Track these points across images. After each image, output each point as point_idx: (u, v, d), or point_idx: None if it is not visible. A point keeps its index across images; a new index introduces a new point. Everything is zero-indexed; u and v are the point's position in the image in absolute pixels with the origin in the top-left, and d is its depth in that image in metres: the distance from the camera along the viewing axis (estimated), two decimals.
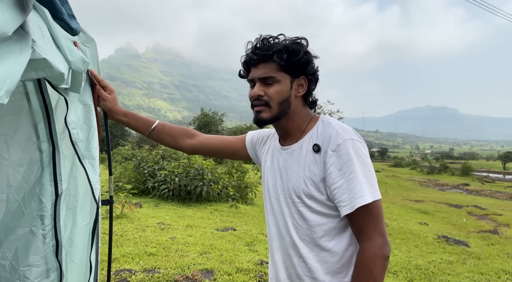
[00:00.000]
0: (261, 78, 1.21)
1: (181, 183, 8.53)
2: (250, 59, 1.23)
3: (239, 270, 4.24)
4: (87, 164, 1.34)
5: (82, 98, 1.35)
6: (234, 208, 8.27)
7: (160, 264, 4.27)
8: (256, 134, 1.52)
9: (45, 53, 0.79)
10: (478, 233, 8.03)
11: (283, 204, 1.26)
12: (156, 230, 5.85)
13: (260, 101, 1.22)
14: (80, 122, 1.33)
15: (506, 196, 19.27)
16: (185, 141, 1.58)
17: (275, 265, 1.31)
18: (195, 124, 29.53)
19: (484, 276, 4.84)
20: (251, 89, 1.26)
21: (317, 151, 1.18)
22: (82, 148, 1.33)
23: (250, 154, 1.52)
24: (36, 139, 1.21)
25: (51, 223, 1.24)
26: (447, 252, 6.00)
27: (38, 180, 1.21)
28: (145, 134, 1.56)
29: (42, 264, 1.24)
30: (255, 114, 1.25)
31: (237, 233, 6.00)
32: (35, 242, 1.22)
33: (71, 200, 1.32)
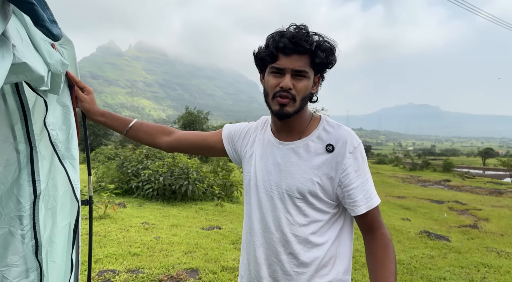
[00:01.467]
0: (296, 70, 1.16)
1: (166, 182, 8.47)
2: (285, 47, 1.14)
3: (224, 268, 4.25)
4: (68, 164, 1.33)
5: (61, 99, 1.35)
6: (220, 206, 8.26)
7: (144, 264, 4.24)
8: (233, 127, 1.48)
9: (25, 57, 0.80)
10: (458, 228, 8.22)
11: (277, 200, 1.25)
12: (140, 230, 5.81)
13: (288, 94, 1.17)
14: (59, 123, 1.33)
15: (486, 191, 19.77)
16: (162, 139, 1.55)
17: (256, 262, 1.29)
18: (180, 123, 29.30)
19: (464, 270, 4.96)
20: (274, 78, 1.19)
21: (331, 151, 1.20)
22: (62, 149, 1.32)
23: (227, 149, 1.47)
24: (13, 140, 1.20)
25: (30, 223, 1.22)
26: (429, 247, 6.12)
27: (16, 180, 1.20)
28: (123, 133, 1.54)
29: (21, 264, 1.23)
30: (279, 106, 1.19)
31: (222, 231, 6.00)
32: (13, 243, 1.21)
33: (50, 200, 1.31)
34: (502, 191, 20.18)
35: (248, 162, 1.37)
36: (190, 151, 1.59)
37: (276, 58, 1.18)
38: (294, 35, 1.14)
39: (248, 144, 1.40)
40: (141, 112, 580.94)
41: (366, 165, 1.23)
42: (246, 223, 1.37)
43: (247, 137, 1.42)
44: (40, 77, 0.90)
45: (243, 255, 1.38)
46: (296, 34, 1.14)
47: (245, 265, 1.36)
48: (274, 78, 1.19)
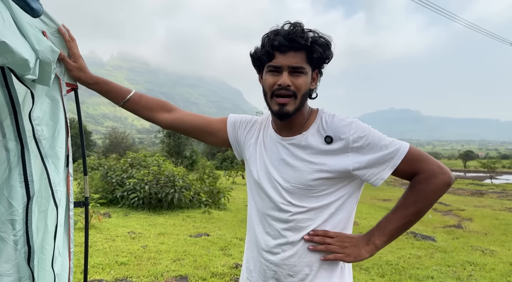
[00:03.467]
0: (293, 67, 1.16)
1: (152, 190, 8.36)
2: (280, 45, 1.14)
3: (214, 274, 4.20)
4: (50, 163, 1.27)
5: (50, 92, 1.28)
6: (207, 213, 8.19)
7: (132, 273, 4.16)
8: (238, 118, 1.46)
9: (5, 37, 0.75)
10: (443, 228, 8.33)
11: (285, 193, 1.24)
12: (126, 239, 5.70)
13: (288, 92, 1.17)
14: (46, 118, 1.26)
15: (468, 192, 20.13)
16: (162, 114, 1.48)
17: None
18: (164, 132, 29.05)
19: (451, 268, 5.03)
20: (274, 76, 1.19)
21: (330, 142, 1.21)
22: (46, 146, 1.25)
23: (230, 138, 1.45)
24: (2, 137, 1.12)
25: (23, 228, 1.15)
26: (416, 247, 6.19)
27: (6, 181, 1.13)
28: (119, 104, 1.46)
29: (14, 272, 1.14)
30: (278, 106, 1.19)
31: (210, 238, 5.94)
32: (6, 249, 1.12)
33: (43, 203, 1.24)
34: (483, 191, 20.59)
35: (252, 157, 1.36)
36: (190, 133, 1.49)
37: (272, 56, 1.18)
38: (289, 32, 1.14)
39: (252, 138, 1.39)
40: (123, 122, 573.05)
41: (374, 134, 1.20)
42: (252, 217, 1.35)
43: (252, 130, 1.41)
44: (23, 61, 0.84)
45: (252, 249, 1.35)
46: (291, 31, 1.15)
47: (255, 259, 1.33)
48: (271, 77, 1.19)
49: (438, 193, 1.18)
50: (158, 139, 39.46)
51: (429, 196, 1.18)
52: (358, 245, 1.21)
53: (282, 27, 1.17)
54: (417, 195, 1.19)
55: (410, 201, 1.20)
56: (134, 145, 46.62)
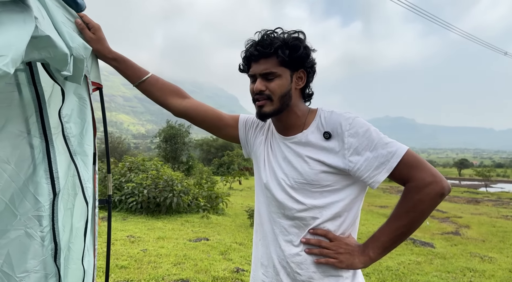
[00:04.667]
0: (263, 73, 1.23)
1: (150, 195, 8.32)
2: (251, 55, 1.24)
3: (215, 278, 4.19)
4: (79, 161, 1.27)
5: (78, 90, 1.28)
6: (206, 218, 8.15)
7: (132, 276, 4.13)
8: (250, 118, 1.51)
9: (49, 32, 0.77)
10: (441, 235, 8.36)
11: (291, 190, 1.26)
12: (126, 243, 5.67)
13: (262, 96, 1.25)
14: (74, 116, 1.26)
15: (464, 200, 20.21)
16: (175, 100, 1.49)
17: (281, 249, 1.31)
18: (161, 137, 28.95)
19: (451, 274, 5.04)
20: (252, 84, 1.28)
21: (329, 138, 1.23)
22: (75, 144, 1.26)
23: (240, 136, 1.50)
24: (27, 134, 1.12)
25: (49, 224, 1.14)
26: (415, 253, 6.20)
27: (30, 178, 1.12)
28: (134, 84, 1.46)
29: (41, 269, 1.13)
30: (257, 108, 1.28)
31: (210, 243, 5.92)
32: (32, 246, 1.11)
33: (70, 200, 1.24)
34: (479, 199, 20.69)
35: (260, 157, 1.40)
36: (200, 123, 1.51)
37: (250, 66, 1.28)
38: (258, 41, 1.23)
39: (261, 138, 1.43)
40: (119, 127, 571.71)
41: (372, 132, 1.19)
42: (262, 215, 1.37)
43: (262, 131, 1.45)
44: (64, 56, 0.86)
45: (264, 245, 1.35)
46: (259, 40, 1.23)
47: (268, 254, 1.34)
48: (251, 85, 1.29)
49: (429, 203, 1.13)
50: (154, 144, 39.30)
51: (419, 207, 1.14)
52: (353, 254, 1.21)
53: (253, 38, 1.26)
54: (408, 205, 1.15)
55: (402, 211, 1.17)
56: (130, 150, 46.48)
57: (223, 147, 39.72)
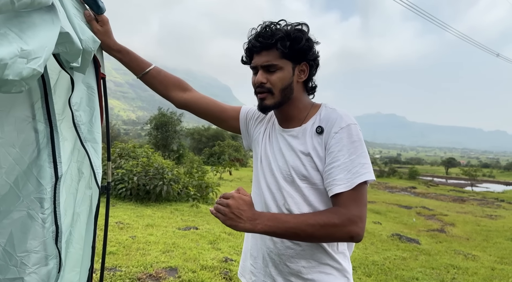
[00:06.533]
0: (264, 66, 1.23)
1: (140, 182, 8.29)
2: (253, 47, 1.24)
3: (203, 267, 4.20)
4: (90, 147, 1.31)
5: (86, 79, 1.31)
6: (195, 207, 8.16)
7: (121, 262, 4.13)
8: (251, 110, 1.51)
9: (67, 28, 0.78)
10: (427, 232, 8.50)
11: (282, 182, 1.26)
12: (114, 229, 5.66)
13: (263, 88, 1.24)
14: (83, 105, 1.30)
15: (449, 198, 20.55)
16: (177, 93, 1.52)
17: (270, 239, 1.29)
18: (152, 124, 28.78)
19: (435, 271, 5.14)
20: (254, 76, 1.27)
21: (320, 133, 1.22)
22: (85, 131, 1.30)
23: (241, 128, 1.51)
24: (32, 119, 1.14)
25: (51, 207, 1.16)
26: (401, 249, 6.31)
27: (34, 161, 1.14)
28: (138, 76, 1.49)
29: (41, 250, 1.15)
30: (259, 101, 1.28)
31: (199, 232, 5.94)
32: (33, 227, 1.13)
33: (73, 185, 1.26)
34: (464, 198, 21.06)
35: (258, 146, 1.41)
36: (203, 115, 1.53)
37: (251, 58, 1.28)
38: (259, 33, 1.22)
39: (261, 129, 1.44)
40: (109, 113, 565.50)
41: (359, 145, 1.16)
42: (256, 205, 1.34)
43: (262, 122, 1.46)
44: (78, 51, 0.88)
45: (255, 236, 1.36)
46: (260, 32, 1.22)
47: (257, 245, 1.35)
48: (253, 77, 1.28)
49: (337, 234, 1.10)
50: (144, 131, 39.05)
51: (329, 229, 1.09)
52: (242, 217, 1.11)
53: (258, 28, 1.24)
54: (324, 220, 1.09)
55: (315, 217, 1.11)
56: (120, 136, 46.22)
57: (214, 137, 39.68)
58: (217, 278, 3.92)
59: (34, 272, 1.15)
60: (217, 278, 3.92)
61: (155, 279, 3.76)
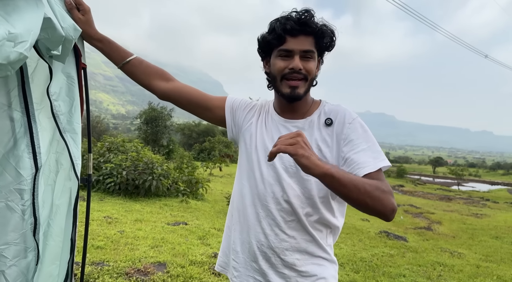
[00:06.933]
0: (304, 50, 1.19)
1: (129, 177, 8.21)
2: (292, 29, 1.17)
3: (192, 262, 4.19)
4: (69, 138, 1.27)
5: (66, 69, 1.28)
6: (185, 203, 8.13)
7: (109, 257, 4.09)
8: (237, 99, 1.46)
9: (49, 13, 0.76)
10: (414, 229, 8.60)
11: (283, 172, 1.24)
12: (102, 224, 5.61)
13: (300, 75, 1.20)
14: (63, 94, 1.26)
15: (436, 197, 20.84)
16: (159, 82, 1.46)
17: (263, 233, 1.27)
18: (142, 118, 28.53)
19: (422, 268, 5.20)
20: (284, 61, 1.21)
21: (330, 124, 1.24)
22: (64, 121, 1.26)
23: (227, 119, 1.44)
24: (7, 107, 1.10)
25: (30, 198, 1.13)
26: (388, 246, 6.37)
27: (11, 151, 1.10)
28: (118, 65, 1.44)
29: (21, 242, 1.13)
30: (290, 89, 1.21)
31: (188, 227, 5.91)
32: (13, 218, 1.10)
33: (51, 176, 1.23)
34: (451, 197, 21.38)
35: (253, 137, 1.35)
36: (185, 106, 1.46)
37: (283, 40, 1.20)
38: (300, 17, 1.18)
39: (252, 119, 1.39)
40: (98, 106, 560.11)
41: (370, 135, 1.20)
42: (245, 197, 1.32)
43: (252, 112, 1.41)
44: (60, 37, 0.85)
45: (240, 231, 1.33)
46: (301, 16, 1.18)
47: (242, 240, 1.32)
48: (282, 61, 1.21)
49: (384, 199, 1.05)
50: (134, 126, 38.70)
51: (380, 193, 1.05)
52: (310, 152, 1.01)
53: (290, 13, 1.21)
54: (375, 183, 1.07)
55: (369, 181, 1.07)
56: (109, 130, 45.75)
57: (205, 132, 39.54)
58: (206, 274, 3.91)
59: (15, 264, 1.13)
60: (206, 274, 3.91)
61: (144, 274, 3.73)
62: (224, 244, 1.43)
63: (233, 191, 1.42)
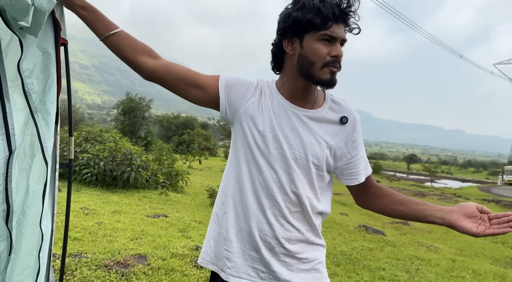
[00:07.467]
0: (344, 39, 1.20)
1: (107, 167, 8.01)
2: (339, 16, 1.16)
3: (174, 255, 4.11)
4: (40, 119, 1.17)
5: (42, 44, 1.17)
6: (164, 195, 8.00)
7: (87, 249, 3.97)
8: (232, 77, 1.33)
9: None
10: (391, 224, 8.77)
11: (293, 162, 1.21)
12: (79, 215, 5.44)
13: (338, 63, 1.20)
14: (37, 71, 1.16)
15: (411, 193, 21.33)
16: (146, 59, 1.31)
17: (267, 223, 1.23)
18: (120, 109, 27.92)
19: (400, 262, 5.29)
20: (323, 44, 1.17)
21: (346, 122, 1.27)
22: (36, 101, 1.16)
23: (221, 97, 1.29)
24: None
25: (3, 183, 1.04)
26: (367, 240, 6.45)
27: None
28: (101, 37, 1.29)
29: None
30: (330, 75, 1.19)
31: (169, 219, 5.81)
32: None
33: (26, 160, 1.13)
34: (425, 193, 21.94)
35: (258, 118, 1.25)
36: (174, 84, 1.31)
37: (329, 25, 1.15)
38: (350, 5, 1.17)
39: (254, 98, 1.28)
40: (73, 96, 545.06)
41: None
42: (244, 184, 1.25)
43: (250, 91, 1.30)
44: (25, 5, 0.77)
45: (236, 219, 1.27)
46: (350, 3, 1.17)
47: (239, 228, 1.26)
48: (324, 46, 1.17)
49: None
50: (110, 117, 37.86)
51: None
52: None
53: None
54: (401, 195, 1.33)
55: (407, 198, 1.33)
56: (84, 120, 44.63)
57: (184, 125, 39.14)
58: (187, 266, 3.85)
59: None
60: (187, 266, 3.85)
61: (124, 266, 3.63)
62: (212, 233, 1.34)
63: (225, 175, 1.33)
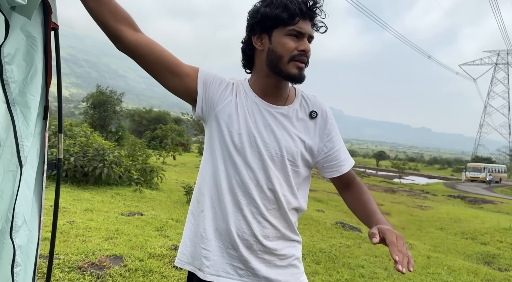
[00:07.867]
0: (311, 36, 1.24)
1: (77, 163, 7.69)
2: (306, 12, 1.20)
3: (151, 255, 3.96)
4: (18, 112, 1.03)
5: (26, 27, 1.03)
6: (139, 192, 7.75)
7: (59, 249, 3.75)
8: (211, 73, 1.27)
9: None
10: None
11: (268, 160, 1.23)
12: (49, 213, 5.15)
13: (306, 58, 1.23)
14: (18, 58, 1.02)
15: (381, 189, 21.84)
16: (127, 29, 1.17)
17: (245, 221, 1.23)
18: (89, 102, 27.02)
19: (378, 259, 5.34)
20: (291, 40, 1.21)
21: (315, 117, 1.30)
22: (15, 91, 1.02)
23: (199, 92, 1.23)
24: None
25: None
26: (345, 237, 6.50)
27: None
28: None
29: None
30: (298, 70, 1.22)
31: (144, 218, 5.62)
32: None
33: (13, 161, 1.00)
34: (395, 189, 22.50)
35: (233, 117, 1.24)
36: (152, 64, 1.20)
37: (296, 20, 1.19)
38: (307, 1, 1.20)
39: (230, 97, 1.26)
40: None
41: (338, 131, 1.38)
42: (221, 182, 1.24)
43: (228, 89, 1.27)
44: None
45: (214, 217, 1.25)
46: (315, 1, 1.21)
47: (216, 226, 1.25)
48: (292, 41, 1.20)
49: None
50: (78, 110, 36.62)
51: None
52: None
53: None
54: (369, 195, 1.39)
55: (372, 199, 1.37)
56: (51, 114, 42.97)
57: (156, 120, 38.43)
58: (166, 267, 3.71)
59: None
60: (166, 267, 3.71)
61: (99, 268, 3.45)
62: (188, 233, 1.31)
63: (201, 173, 1.30)
